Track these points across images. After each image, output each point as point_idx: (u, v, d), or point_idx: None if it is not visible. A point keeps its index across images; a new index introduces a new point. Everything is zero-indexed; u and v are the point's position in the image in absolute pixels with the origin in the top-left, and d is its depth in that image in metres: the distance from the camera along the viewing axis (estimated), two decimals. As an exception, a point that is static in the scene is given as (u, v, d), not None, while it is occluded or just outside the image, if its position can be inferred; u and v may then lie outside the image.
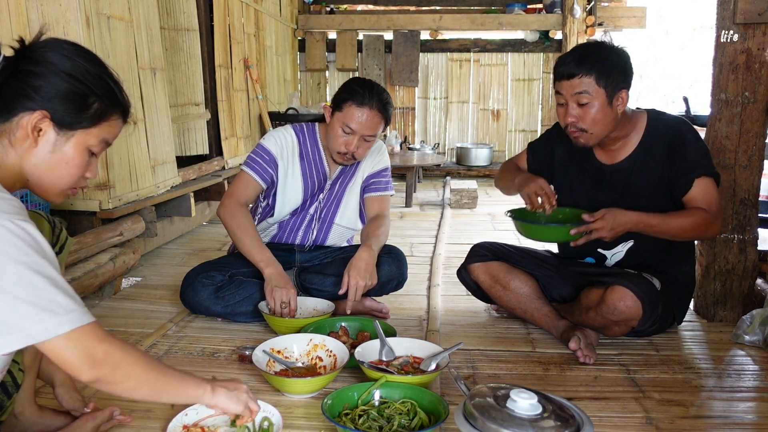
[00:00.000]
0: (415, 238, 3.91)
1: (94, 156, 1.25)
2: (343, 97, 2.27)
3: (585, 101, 1.95)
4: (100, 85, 1.19)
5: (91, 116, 1.19)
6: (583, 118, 1.97)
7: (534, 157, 2.35)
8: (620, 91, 1.96)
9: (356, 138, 2.26)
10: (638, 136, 2.09)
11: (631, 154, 2.10)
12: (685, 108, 4.99)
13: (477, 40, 7.09)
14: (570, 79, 1.95)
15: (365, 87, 2.25)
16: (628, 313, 1.93)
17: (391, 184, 2.56)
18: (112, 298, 2.69)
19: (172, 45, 4.13)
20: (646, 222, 1.97)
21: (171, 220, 3.71)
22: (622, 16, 6.72)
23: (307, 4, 7.08)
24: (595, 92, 1.94)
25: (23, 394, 1.45)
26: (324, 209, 2.48)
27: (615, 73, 1.94)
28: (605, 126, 1.99)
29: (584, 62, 1.93)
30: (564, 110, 2.01)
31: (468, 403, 1.43)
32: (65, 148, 1.18)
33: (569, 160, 2.24)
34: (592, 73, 1.92)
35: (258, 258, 2.24)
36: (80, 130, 1.18)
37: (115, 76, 1.24)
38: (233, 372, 1.94)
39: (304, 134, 2.45)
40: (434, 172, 6.96)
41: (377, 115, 2.25)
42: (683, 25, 10.77)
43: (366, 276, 2.18)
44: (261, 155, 2.40)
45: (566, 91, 1.98)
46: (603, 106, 1.95)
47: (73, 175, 1.21)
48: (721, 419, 1.68)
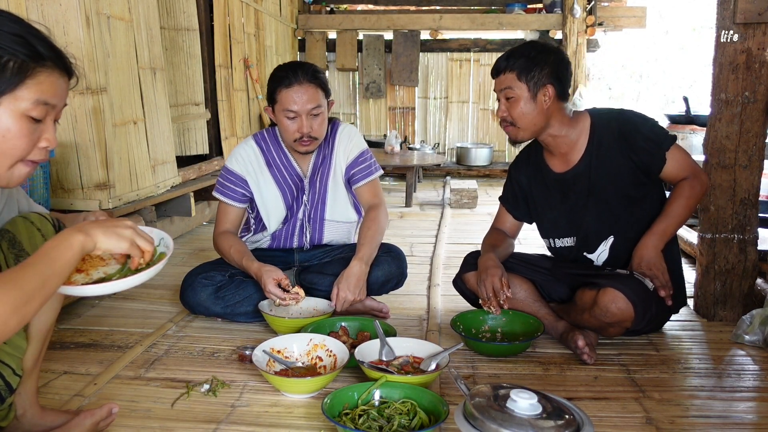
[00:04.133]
0: (415, 238, 3.91)
1: (39, 123, 1.13)
2: (272, 88, 2.27)
3: (510, 96, 2.06)
4: (12, 42, 1.07)
5: (9, 77, 1.07)
6: (510, 112, 2.08)
7: (509, 205, 2.39)
8: (544, 86, 2.03)
9: (303, 118, 2.23)
10: (586, 136, 2.14)
11: (584, 155, 2.13)
12: (685, 108, 4.99)
13: (477, 40, 7.09)
14: (497, 76, 2.10)
15: (286, 69, 2.25)
16: (620, 315, 1.94)
17: (375, 164, 2.50)
18: (112, 297, 2.68)
19: (172, 45, 4.13)
20: (663, 233, 2.04)
21: (171, 219, 3.71)
22: (622, 15, 6.72)
23: (307, 3, 7.08)
24: (517, 87, 2.04)
25: (25, 396, 1.45)
26: (312, 210, 2.46)
27: (537, 69, 2.02)
28: (532, 119, 2.07)
29: (509, 60, 2.06)
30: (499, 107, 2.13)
31: (468, 403, 1.43)
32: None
33: (533, 183, 2.29)
34: (514, 69, 2.04)
35: (245, 265, 2.28)
36: (5, 96, 1.08)
37: (34, 29, 1.12)
38: (233, 372, 1.94)
39: (266, 141, 2.43)
40: (434, 171, 6.96)
41: (310, 87, 2.22)
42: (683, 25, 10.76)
43: (355, 291, 2.20)
44: (227, 177, 2.41)
45: (495, 87, 2.13)
46: (527, 101, 2.05)
47: (16, 147, 1.11)
48: (721, 419, 1.68)
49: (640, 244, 2.04)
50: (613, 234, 2.15)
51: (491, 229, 2.42)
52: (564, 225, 2.22)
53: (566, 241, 2.24)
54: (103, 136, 2.83)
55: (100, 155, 2.83)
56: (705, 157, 2.40)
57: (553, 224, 2.27)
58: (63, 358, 2.04)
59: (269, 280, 2.17)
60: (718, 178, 2.33)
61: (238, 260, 2.30)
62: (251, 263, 2.25)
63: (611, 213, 2.13)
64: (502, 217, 2.42)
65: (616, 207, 2.12)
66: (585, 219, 2.16)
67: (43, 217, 1.39)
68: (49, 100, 1.13)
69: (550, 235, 2.31)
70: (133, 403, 1.73)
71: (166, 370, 1.95)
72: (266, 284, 2.17)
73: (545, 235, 2.34)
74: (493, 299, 2.06)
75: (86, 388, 1.81)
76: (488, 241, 2.32)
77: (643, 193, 2.12)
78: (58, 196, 2.84)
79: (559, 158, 2.19)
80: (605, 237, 2.16)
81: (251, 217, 2.53)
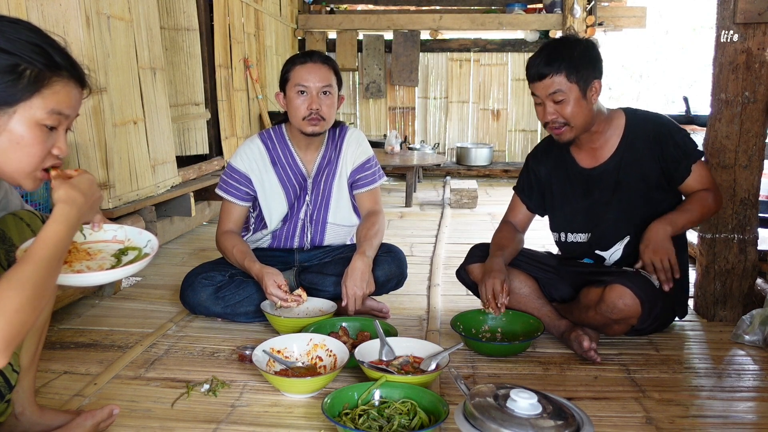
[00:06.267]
0: (415, 238, 3.91)
1: (53, 130, 1.15)
2: (286, 69, 2.32)
3: (560, 98, 2.01)
4: (30, 51, 1.09)
5: (26, 86, 1.09)
6: (561, 113, 2.03)
7: (524, 195, 2.37)
8: (592, 82, 2.02)
9: (314, 94, 2.25)
10: (619, 134, 2.14)
11: (615, 152, 2.14)
12: (685, 108, 4.99)
13: (477, 40, 7.09)
14: (542, 80, 2.01)
15: (302, 53, 2.34)
16: (627, 312, 1.94)
17: (379, 171, 2.52)
18: (112, 297, 2.69)
19: (172, 45, 4.13)
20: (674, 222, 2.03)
21: (171, 219, 3.71)
22: (622, 15, 6.72)
23: (307, 3, 7.08)
24: (568, 89, 1.99)
25: (23, 394, 1.44)
26: (314, 211, 2.46)
27: (583, 67, 1.99)
28: (584, 117, 2.05)
29: (552, 62, 1.99)
30: (542, 109, 2.07)
31: (468, 403, 1.43)
32: (11, 127, 1.10)
33: (554, 175, 2.28)
34: (562, 71, 1.98)
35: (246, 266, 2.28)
36: (21, 104, 1.09)
37: (51, 39, 1.13)
38: (233, 372, 1.94)
39: (272, 139, 2.43)
40: (434, 171, 6.96)
41: (323, 67, 2.27)
42: (683, 25, 10.77)
43: (363, 285, 2.19)
44: (231, 175, 2.41)
45: (541, 92, 2.03)
46: (578, 100, 2.01)
47: (32, 155, 1.13)
48: (721, 419, 1.68)
49: (650, 228, 2.02)
50: (630, 234, 2.15)
51: (502, 223, 2.40)
52: (581, 220, 2.21)
53: (579, 237, 2.23)
54: (103, 135, 2.83)
55: (100, 155, 2.83)
56: (705, 157, 2.40)
57: (568, 218, 2.25)
58: (63, 358, 2.04)
59: (270, 282, 2.17)
60: (718, 178, 2.33)
61: (240, 261, 2.29)
62: (253, 264, 2.25)
63: (633, 213, 2.12)
64: (515, 207, 2.40)
65: (638, 207, 2.12)
66: (606, 216, 2.15)
67: (33, 213, 1.40)
68: (63, 110, 1.14)
69: (562, 228, 2.29)
70: (133, 403, 1.73)
71: (166, 370, 1.95)
72: (267, 286, 2.17)
73: (557, 228, 2.31)
74: (492, 301, 2.07)
75: (86, 388, 1.81)
76: (498, 241, 2.29)
77: (664, 197, 2.13)
78: (58, 196, 2.83)
79: (588, 153, 2.18)
80: (623, 236, 2.15)
81: (252, 216, 2.53)
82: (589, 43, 2.05)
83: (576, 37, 2.09)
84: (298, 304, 2.22)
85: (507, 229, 2.35)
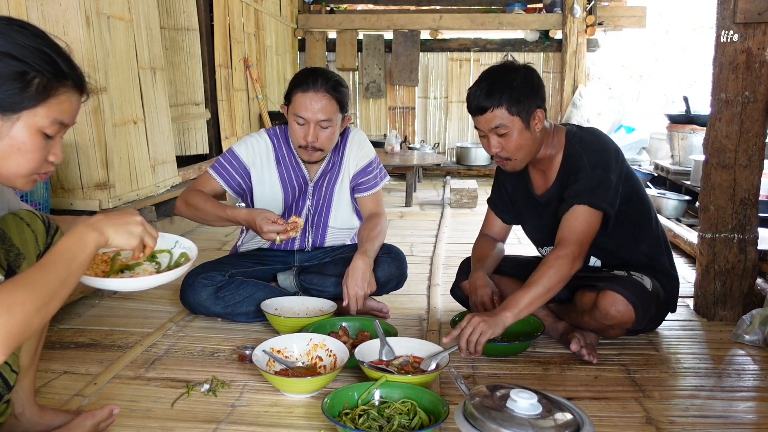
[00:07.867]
0: (415, 238, 3.91)
1: (51, 138, 1.15)
2: (290, 88, 2.23)
3: (503, 132, 1.95)
4: (39, 59, 1.09)
5: (33, 94, 1.09)
6: (505, 147, 1.98)
7: (498, 209, 2.35)
8: (534, 111, 1.96)
9: (311, 127, 2.19)
10: (561, 153, 2.07)
11: (557, 177, 2.09)
12: (685, 108, 4.99)
13: (477, 39, 7.09)
14: (483, 114, 1.96)
15: (309, 73, 2.20)
16: (620, 318, 1.95)
17: (382, 173, 2.49)
18: (112, 297, 2.68)
19: (172, 45, 4.13)
20: (519, 310, 1.88)
21: (171, 219, 3.71)
22: (622, 15, 6.72)
23: (307, 3, 7.08)
24: (510, 122, 1.94)
25: (23, 394, 1.44)
26: (315, 214, 2.45)
27: (525, 97, 1.93)
28: (528, 149, 2.01)
29: (492, 94, 1.92)
30: (486, 142, 2.03)
31: (468, 403, 1.43)
32: (13, 133, 1.10)
33: (517, 192, 2.27)
34: (503, 104, 1.92)
35: (230, 215, 2.18)
36: (26, 111, 1.10)
37: (57, 46, 1.13)
38: (233, 372, 1.94)
39: (278, 138, 2.40)
40: (434, 171, 6.96)
41: (325, 97, 2.17)
42: (683, 25, 10.76)
43: (364, 285, 2.18)
44: (230, 161, 2.35)
45: (483, 126, 1.98)
46: (521, 132, 1.95)
47: (30, 160, 1.14)
48: (721, 419, 1.68)
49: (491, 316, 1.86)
50: (597, 256, 2.17)
51: (479, 236, 2.38)
52: (547, 236, 2.19)
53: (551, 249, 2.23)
54: (103, 135, 2.83)
55: (100, 155, 2.83)
56: (705, 157, 2.40)
57: (536, 234, 2.28)
58: (63, 358, 2.04)
59: (264, 221, 2.10)
60: (718, 177, 2.33)
61: (219, 212, 2.19)
62: (237, 210, 2.17)
63: None
64: (490, 221, 2.38)
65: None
66: None
67: (33, 213, 1.40)
68: (65, 120, 1.16)
69: (534, 241, 2.32)
70: (133, 402, 1.73)
71: (166, 370, 1.95)
72: (262, 226, 2.10)
73: (532, 241, 2.35)
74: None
75: (86, 388, 1.81)
76: (476, 255, 2.29)
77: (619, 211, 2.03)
78: (58, 195, 2.84)
79: (540, 175, 2.16)
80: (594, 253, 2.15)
81: None
82: (528, 71, 1.98)
83: (515, 65, 2.01)
84: (296, 231, 2.14)
85: (485, 240, 2.35)
